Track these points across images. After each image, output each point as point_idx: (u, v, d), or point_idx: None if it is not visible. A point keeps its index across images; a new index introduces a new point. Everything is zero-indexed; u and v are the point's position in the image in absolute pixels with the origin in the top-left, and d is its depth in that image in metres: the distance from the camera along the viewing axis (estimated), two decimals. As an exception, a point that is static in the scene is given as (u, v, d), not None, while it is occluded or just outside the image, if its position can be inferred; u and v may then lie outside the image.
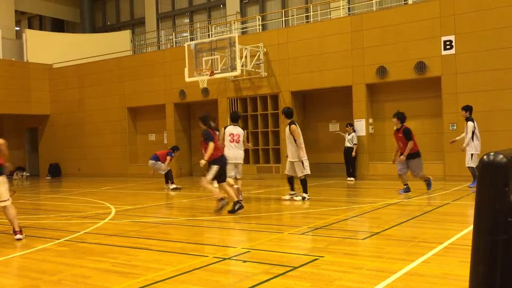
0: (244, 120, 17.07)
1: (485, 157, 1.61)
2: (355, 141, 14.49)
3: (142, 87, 19.17)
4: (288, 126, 10.00)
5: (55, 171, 21.25)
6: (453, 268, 4.61)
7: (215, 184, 8.90)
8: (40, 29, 26.45)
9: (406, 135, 10.39)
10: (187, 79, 15.94)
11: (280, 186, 13.81)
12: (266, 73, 16.28)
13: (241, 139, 9.95)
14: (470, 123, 11.12)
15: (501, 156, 1.58)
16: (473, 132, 11.09)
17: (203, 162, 8.34)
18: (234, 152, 9.81)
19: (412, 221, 7.32)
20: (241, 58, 15.33)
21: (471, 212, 7.91)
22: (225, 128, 10.12)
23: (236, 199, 8.67)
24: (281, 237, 6.61)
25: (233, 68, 15.14)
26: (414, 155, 10.48)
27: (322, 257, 5.16)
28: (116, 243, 6.44)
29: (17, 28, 23.83)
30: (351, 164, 14.63)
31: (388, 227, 6.81)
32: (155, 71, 18.83)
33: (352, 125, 14.66)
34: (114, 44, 22.06)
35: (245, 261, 5.16)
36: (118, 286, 4.43)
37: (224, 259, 5.35)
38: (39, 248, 6.25)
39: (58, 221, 8.52)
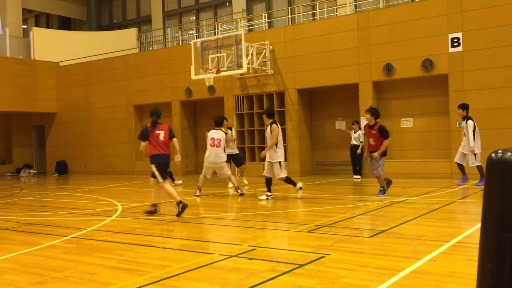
0: (250, 118, 17.07)
1: (493, 154, 1.60)
2: (361, 139, 14.45)
3: (149, 85, 19.20)
4: (269, 126, 9.84)
5: (62, 169, 21.35)
6: (460, 266, 4.59)
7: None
8: (47, 27, 26.54)
9: (383, 133, 9.68)
10: (193, 77, 15.96)
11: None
12: (272, 71, 16.26)
13: (223, 143, 11.01)
14: (470, 122, 10.99)
15: (509, 153, 1.56)
16: (473, 131, 10.98)
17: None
18: (214, 156, 10.91)
19: (419, 219, 7.29)
20: (247, 55, 15.32)
21: (478, 210, 7.87)
22: (208, 132, 11.25)
23: (178, 199, 8.16)
24: (287, 235, 6.60)
25: (239, 66, 15.14)
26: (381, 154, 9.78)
27: (328, 254, 5.16)
28: (123, 240, 6.47)
29: (24, 26, 23.93)
30: (357, 162, 14.60)
31: (394, 225, 6.79)
32: (161, 69, 18.86)
33: (358, 122, 14.61)
34: (121, 42, 22.11)
35: (251, 259, 5.16)
36: (125, 283, 4.45)
37: (230, 256, 5.35)
38: (46, 245, 6.29)
39: (65, 218, 8.56)
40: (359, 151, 14.41)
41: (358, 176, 14.44)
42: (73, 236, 6.81)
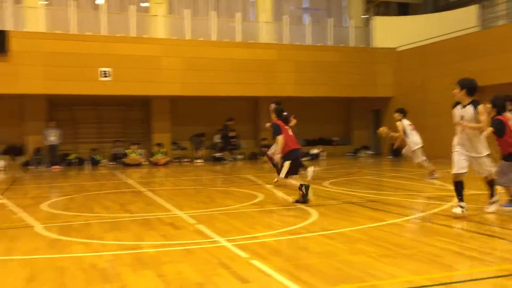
0: None
1: None
2: None
3: (490, 65, 17.78)
4: (471, 105, 6.95)
5: (396, 151, 22.08)
6: None
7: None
8: (386, 14, 27.71)
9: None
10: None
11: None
12: None
13: None
14: None
15: None
16: None
17: (278, 156, 8.38)
18: (418, 138, 12.38)
19: None
20: None
21: None
22: (400, 120, 12.38)
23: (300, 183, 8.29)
24: None
25: None
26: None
27: None
28: (464, 227, 6.31)
29: (365, 16, 25.64)
30: None
31: None
32: (507, 46, 17.16)
33: None
34: (459, 21, 21.15)
35: None
36: (471, 270, 4.37)
37: None
38: (390, 222, 6.71)
39: (404, 199, 8.89)
40: None
41: None
42: (414, 217, 7.04)
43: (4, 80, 16.87)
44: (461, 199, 6.87)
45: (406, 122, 12.47)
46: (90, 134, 20.30)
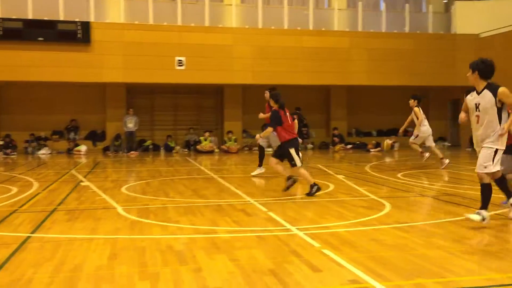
0: None
1: None
2: None
3: None
4: (487, 90, 5.67)
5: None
6: None
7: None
8: (468, -1, 26.25)
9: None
10: None
11: None
12: None
13: None
14: None
15: None
16: None
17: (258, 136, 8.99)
18: (429, 127, 13.09)
19: None
20: None
21: None
22: (417, 107, 12.70)
23: (312, 181, 8.16)
24: None
25: None
26: None
27: None
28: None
29: (445, 1, 24.44)
30: None
31: None
32: None
33: None
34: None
35: None
36: (560, 272, 4.07)
37: None
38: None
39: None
40: None
41: None
42: (495, 212, 6.67)
43: (87, 69, 17.85)
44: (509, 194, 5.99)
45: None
46: (166, 121, 21.03)
